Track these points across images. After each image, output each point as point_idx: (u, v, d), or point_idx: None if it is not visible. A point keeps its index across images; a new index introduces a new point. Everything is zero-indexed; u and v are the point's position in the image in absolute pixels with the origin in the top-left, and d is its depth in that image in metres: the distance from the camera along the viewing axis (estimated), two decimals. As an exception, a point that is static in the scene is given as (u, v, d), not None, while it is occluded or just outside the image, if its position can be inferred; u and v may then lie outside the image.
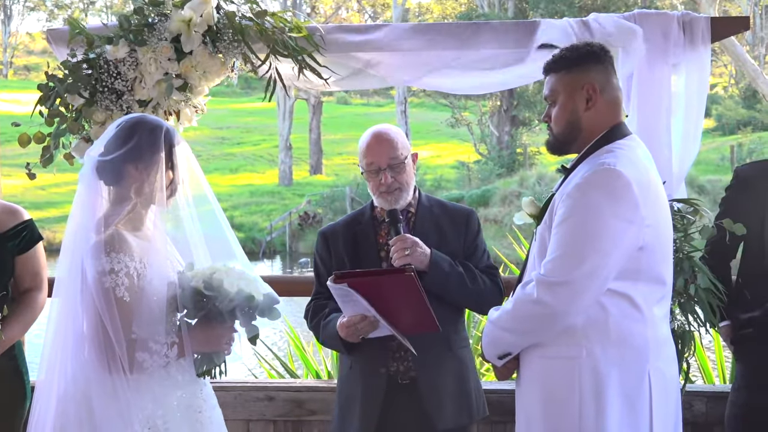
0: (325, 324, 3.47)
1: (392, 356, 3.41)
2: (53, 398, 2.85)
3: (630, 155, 2.91)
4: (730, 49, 22.40)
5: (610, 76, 3.01)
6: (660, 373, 2.89)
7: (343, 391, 3.53)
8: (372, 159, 3.43)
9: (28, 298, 3.60)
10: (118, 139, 2.92)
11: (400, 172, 3.43)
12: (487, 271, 3.51)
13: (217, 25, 3.82)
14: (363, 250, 3.49)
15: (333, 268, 3.49)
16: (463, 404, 3.46)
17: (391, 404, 3.41)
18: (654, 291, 2.90)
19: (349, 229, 3.55)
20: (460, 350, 3.49)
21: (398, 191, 3.44)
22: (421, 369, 3.39)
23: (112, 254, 2.80)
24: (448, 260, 3.39)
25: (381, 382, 3.41)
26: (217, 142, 47.21)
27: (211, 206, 3.03)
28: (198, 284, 2.87)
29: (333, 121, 49.73)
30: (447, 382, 3.41)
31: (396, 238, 3.35)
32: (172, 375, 2.89)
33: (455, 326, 3.49)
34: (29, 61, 66.21)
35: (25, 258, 3.60)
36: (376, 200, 3.51)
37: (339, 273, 3.14)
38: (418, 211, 3.51)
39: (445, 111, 42.16)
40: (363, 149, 3.47)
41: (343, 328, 3.30)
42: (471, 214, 3.57)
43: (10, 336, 3.49)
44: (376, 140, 3.45)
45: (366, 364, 3.44)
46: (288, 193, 38.46)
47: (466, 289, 3.39)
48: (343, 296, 3.15)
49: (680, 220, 3.66)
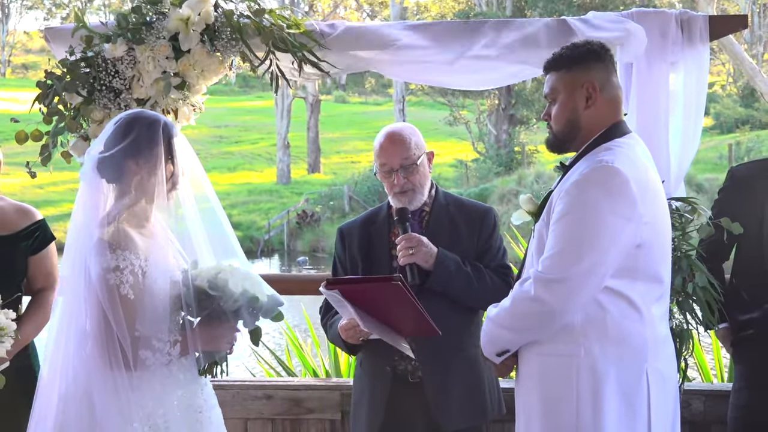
0: (330, 324, 3.52)
1: (399, 354, 3.40)
2: (54, 396, 2.85)
3: (629, 153, 2.91)
4: (728, 47, 22.41)
5: (610, 74, 3.02)
6: (658, 373, 2.89)
7: (357, 388, 3.56)
8: (384, 160, 3.44)
9: (41, 298, 3.59)
10: (117, 135, 2.92)
11: (412, 173, 3.44)
12: (498, 270, 3.49)
13: (215, 24, 3.82)
14: (376, 249, 3.51)
15: (347, 266, 3.52)
16: (475, 403, 3.45)
17: (398, 403, 3.41)
18: (652, 290, 2.90)
19: (364, 227, 3.57)
20: (472, 350, 3.45)
21: (411, 192, 3.44)
22: (428, 368, 3.39)
23: (117, 251, 2.80)
24: (456, 260, 3.39)
25: (386, 381, 3.42)
26: (215, 141, 47.19)
27: (211, 204, 3.03)
28: (203, 283, 2.87)
29: (331, 119, 49.72)
30: (455, 381, 3.41)
31: (402, 236, 3.37)
32: (174, 373, 2.89)
33: (468, 326, 3.48)
34: (27, 60, 66.19)
35: (39, 258, 3.60)
36: (391, 200, 3.52)
37: (331, 279, 3.16)
38: (433, 209, 3.52)
39: (443, 109, 42.16)
40: (376, 150, 3.48)
41: (343, 330, 3.35)
42: (487, 212, 3.56)
43: (25, 336, 3.48)
44: (388, 141, 3.46)
45: (372, 362, 3.46)
46: (286, 191, 38.45)
47: (472, 288, 3.38)
48: (337, 302, 3.18)
49: (678, 219, 3.65)
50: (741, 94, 45.02)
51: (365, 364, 3.50)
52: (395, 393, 3.41)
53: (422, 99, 48.61)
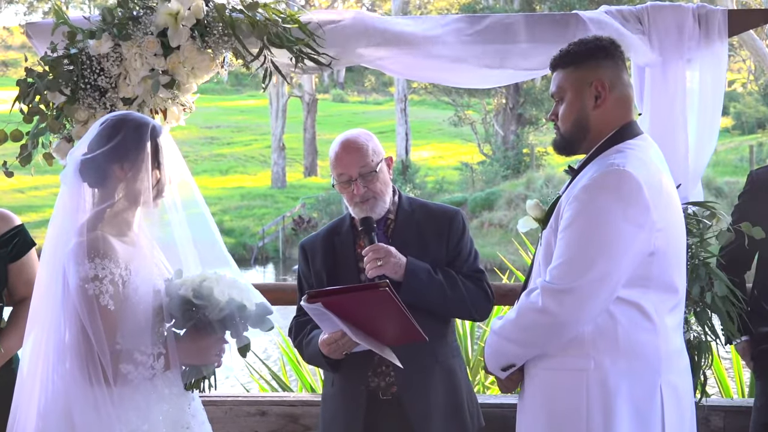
0: (307, 342, 3.49)
1: (374, 371, 3.42)
2: (33, 412, 2.84)
3: (641, 155, 2.92)
4: (749, 43, 22.37)
5: (620, 72, 3.01)
6: (672, 386, 2.89)
7: (328, 410, 3.54)
8: (342, 170, 3.45)
9: (23, 308, 3.56)
10: (102, 137, 2.92)
11: (372, 180, 3.44)
12: (472, 275, 3.51)
13: (206, 19, 3.82)
14: (341, 263, 3.52)
15: (313, 283, 3.53)
16: (455, 418, 3.45)
17: (375, 423, 3.42)
18: (666, 299, 2.91)
19: (327, 240, 3.58)
20: (449, 361, 3.49)
21: (373, 200, 3.45)
22: (404, 383, 3.39)
23: (96, 260, 2.80)
24: (427, 268, 3.40)
25: (361, 401, 3.41)
26: (206, 142, 47.21)
27: (199, 209, 3.03)
28: (187, 293, 2.87)
29: (329, 119, 49.71)
30: (434, 395, 3.41)
31: (369, 248, 3.38)
32: (158, 388, 2.88)
33: (442, 336, 3.49)
34: (7, 57, 66.21)
35: (19, 266, 3.59)
36: (352, 211, 3.52)
37: (312, 292, 3.15)
38: (397, 217, 3.52)
39: (448, 109, 42.17)
40: (332, 160, 3.49)
41: (325, 345, 3.32)
42: (455, 216, 3.55)
43: (8, 349, 3.47)
44: (344, 149, 3.46)
45: (346, 382, 3.45)
46: (281, 196, 38.45)
47: (445, 297, 3.40)
48: (319, 315, 3.17)
49: (696, 225, 3.65)
50: (763, 92, 44.98)
51: (338, 384, 3.49)
52: (371, 413, 3.41)
53: (425, 98, 48.62)
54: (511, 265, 6.57)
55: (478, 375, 5.70)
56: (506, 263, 6.90)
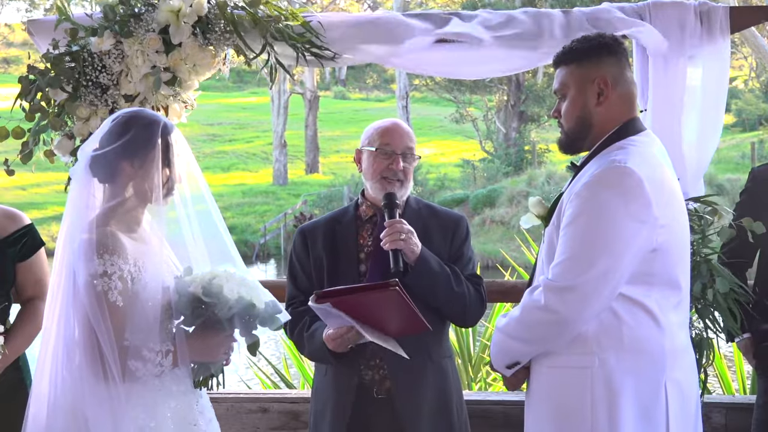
0: (309, 336, 3.47)
1: (366, 364, 3.43)
2: (44, 408, 2.84)
3: (643, 152, 2.91)
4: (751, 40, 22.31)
5: (623, 68, 3.01)
6: (677, 384, 2.89)
7: (319, 400, 3.54)
8: (389, 140, 3.48)
9: (31, 307, 3.56)
10: (113, 133, 2.92)
11: (410, 164, 3.50)
12: (471, 279, 3.53)
13: (207, 16, 3.82)
14: (343, 251, 3.51)
15: (311, 269, 3.52)
16: (443, 418, 3.45)
17: (364, 417, 3.42)
18: (669, 296, 2.90)
19: (329, 227, 3.57)
20: (442, 361, 3.50)
21: (400, 183, 3.48)
22: (398, 379, 3.39)
23: (105, 256, 2.80)
24: (438, 260, 3.42)
25: (350, 395, 3.41)
26: (207, 140, 47.22)
27: (207, 206, 3.03)
28: (196, 290, 2.86)
29: (330, 116, 49.74)
30: (426, 394, 3.41)
31: (394, 220, 3.37)
32: (166, 385, 2.88)
33: (438, 335, 3.50)
34: (8, 54, 66.22)
35: (27, 265, 3.57)
36: (372, 186, 3.51)
37: (320, 292, 3.15)
38: (405, 212, 3.53)
39: (449, 106, 42.15)
40: (379, 129, 3.51)
41: (330, 340, 3.32)
42: (460, 221, 3.61)
43: (14, 350, 3.45)
44: (396, 126, 3.54)
45: (339, 373, 3.45)
46: (283, 193, 38.46)
47: (450, 290, 3.41)
48: (327, 313, 3.17)
49: (697, 221, 3.65)
50: (764, 89, 44.95)
51: (330, 374, 3.49)
52: (361, 407, 3.41)
53: (426, 95, 48.62)
54: (513, 262, 6.58)
55: (480, 372, 5.71)
56: (508, 260, 6.91)
